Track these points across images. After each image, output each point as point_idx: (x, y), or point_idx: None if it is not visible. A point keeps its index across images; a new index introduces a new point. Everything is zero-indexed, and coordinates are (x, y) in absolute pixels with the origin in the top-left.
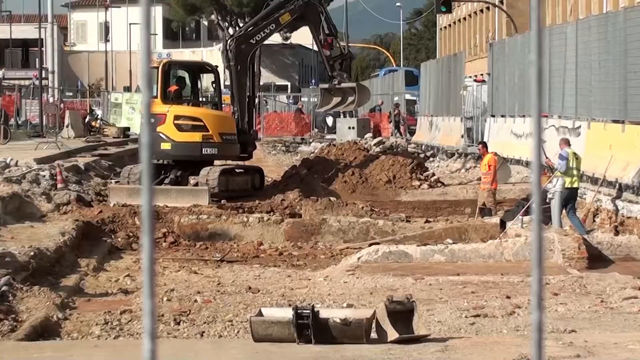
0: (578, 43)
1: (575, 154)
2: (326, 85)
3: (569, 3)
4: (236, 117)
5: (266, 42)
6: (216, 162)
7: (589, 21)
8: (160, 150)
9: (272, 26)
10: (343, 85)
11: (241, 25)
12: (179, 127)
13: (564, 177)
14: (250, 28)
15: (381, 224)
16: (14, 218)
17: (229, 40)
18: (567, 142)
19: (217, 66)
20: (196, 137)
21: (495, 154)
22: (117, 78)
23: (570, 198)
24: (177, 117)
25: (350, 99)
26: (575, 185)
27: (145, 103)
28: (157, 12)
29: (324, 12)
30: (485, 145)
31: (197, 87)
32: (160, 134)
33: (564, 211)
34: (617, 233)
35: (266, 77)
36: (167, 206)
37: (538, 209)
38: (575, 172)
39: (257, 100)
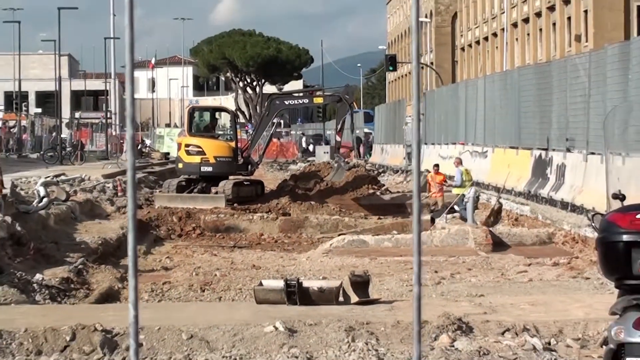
0: (486, 92)
1: (466, 169)
2: (336, 163)
3: (479, 63)
4: (247, 143)
5: (264, 90)
6: (231, 178)
7: (493, 77)
8: (178, 169)
9: (306, 100)
10: (335, 166)
11: (248, 80)
12: (188, 152)
13: (460, 188)
14: (290, 95)
15: (347, 220)
16: (87, 217)
17: (270, 95)
18: (460, 162)
19: (237, 109)
20: (196, 159)
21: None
22: (160, 118)
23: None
24: (187, 145)
25: (332, 173)
26: (466, 192)
27: (129, 135)
28: (189, 71)
29: (350, 112)
30: (438, 167)
31: (220, 125)
32: (179, 157)
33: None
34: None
35: None
36: (195, 208)
37: (417, 208)
38: (467, 183)
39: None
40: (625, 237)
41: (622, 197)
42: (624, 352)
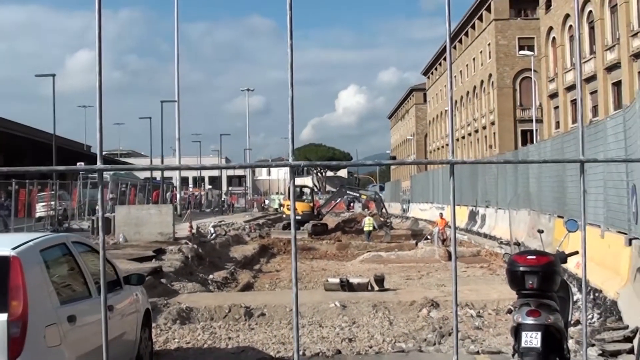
0: (442, 176)
1: (369, 218)
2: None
3: (439, 157)
4: (320, 205)
5: (328, 174)
6: (310, 222)
7: (446, 167)
8: (283, 217)
9: (357, 195)
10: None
11: (319, 169)
12: (287, 209)
13: (366, 226)
14: (352, 188)
15: (371, 244)
16: (236, 243)
17: (341, 185)
18: (366, 215)
19: (313, 185)
20: None
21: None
22: (273, 189)
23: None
24: (287, 205)
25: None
26: (369, 229)
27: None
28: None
29: (382, 206)
30: (442, 214)
31: (305, 194)
32: (283, 211)
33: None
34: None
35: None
36: None
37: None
38: (369, 223)
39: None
40: (521, 268)
41: (519, 244)
42: (521, 328)
